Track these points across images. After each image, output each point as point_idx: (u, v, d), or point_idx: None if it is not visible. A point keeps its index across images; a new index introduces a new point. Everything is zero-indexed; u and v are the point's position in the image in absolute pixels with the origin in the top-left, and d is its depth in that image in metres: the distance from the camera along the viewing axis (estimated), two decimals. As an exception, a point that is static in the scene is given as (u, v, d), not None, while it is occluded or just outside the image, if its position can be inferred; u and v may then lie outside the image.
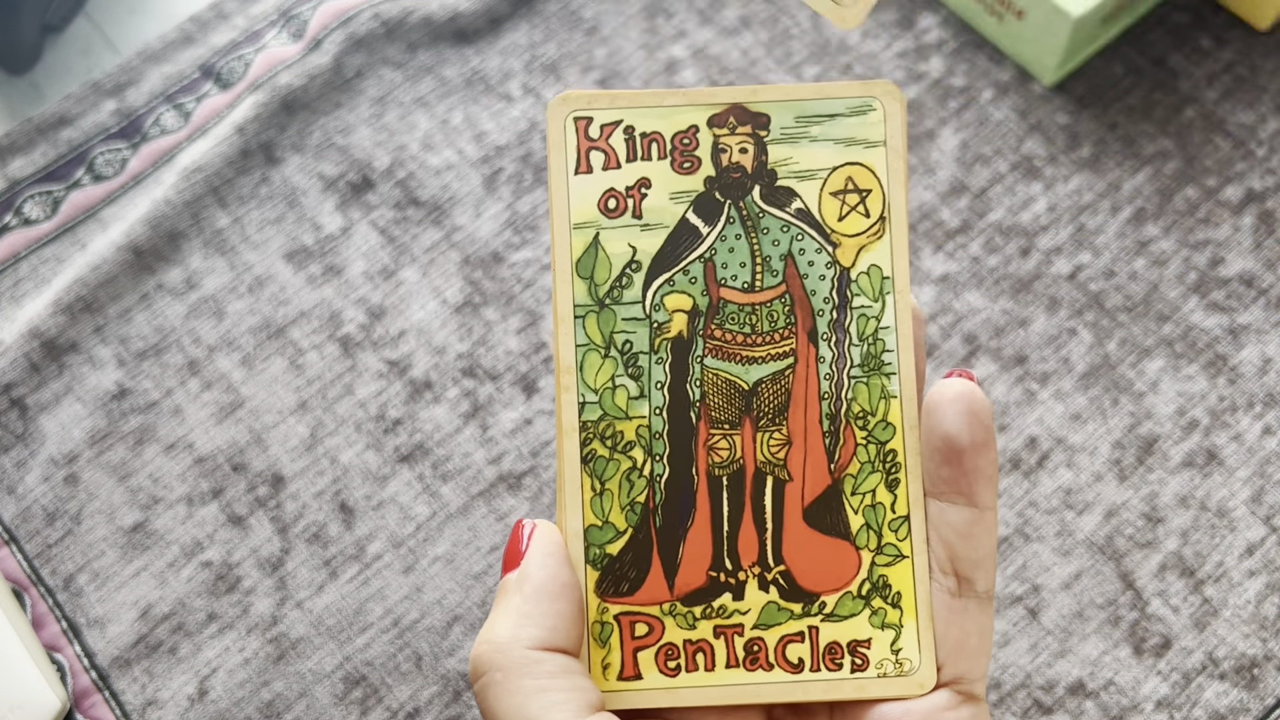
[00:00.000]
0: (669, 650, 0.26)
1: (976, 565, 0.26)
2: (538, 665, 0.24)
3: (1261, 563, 0.41)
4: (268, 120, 0.49)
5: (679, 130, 0.27)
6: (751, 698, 0.26)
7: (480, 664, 0.25)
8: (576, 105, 0.27)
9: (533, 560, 0.25)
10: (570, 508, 0.26)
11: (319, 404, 0.44)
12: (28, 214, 0.48)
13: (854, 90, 0.27)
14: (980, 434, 0.25)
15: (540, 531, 0.26)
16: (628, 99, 0.27)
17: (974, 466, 0.25)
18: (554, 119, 0.27)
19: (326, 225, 0.47)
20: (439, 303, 0.46)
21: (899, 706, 0.26)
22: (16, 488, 0.43)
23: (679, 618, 0.26)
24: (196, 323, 0.46)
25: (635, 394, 0.26)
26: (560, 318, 0.26)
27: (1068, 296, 0.45)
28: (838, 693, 0.26)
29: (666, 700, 0.26)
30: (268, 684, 0.40)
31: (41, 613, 0.42)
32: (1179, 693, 0.39)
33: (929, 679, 0.26)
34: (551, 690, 0.24)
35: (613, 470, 0.26)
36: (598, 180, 0.27)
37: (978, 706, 0.26)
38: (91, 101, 0.49)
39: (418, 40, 0.50)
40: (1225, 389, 0.43)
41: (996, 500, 0.26)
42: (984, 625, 0.26)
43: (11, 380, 0.45)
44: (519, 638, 0.24)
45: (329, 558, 0.42)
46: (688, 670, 0.26)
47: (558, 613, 0.25)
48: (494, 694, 0.24)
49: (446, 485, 0.43)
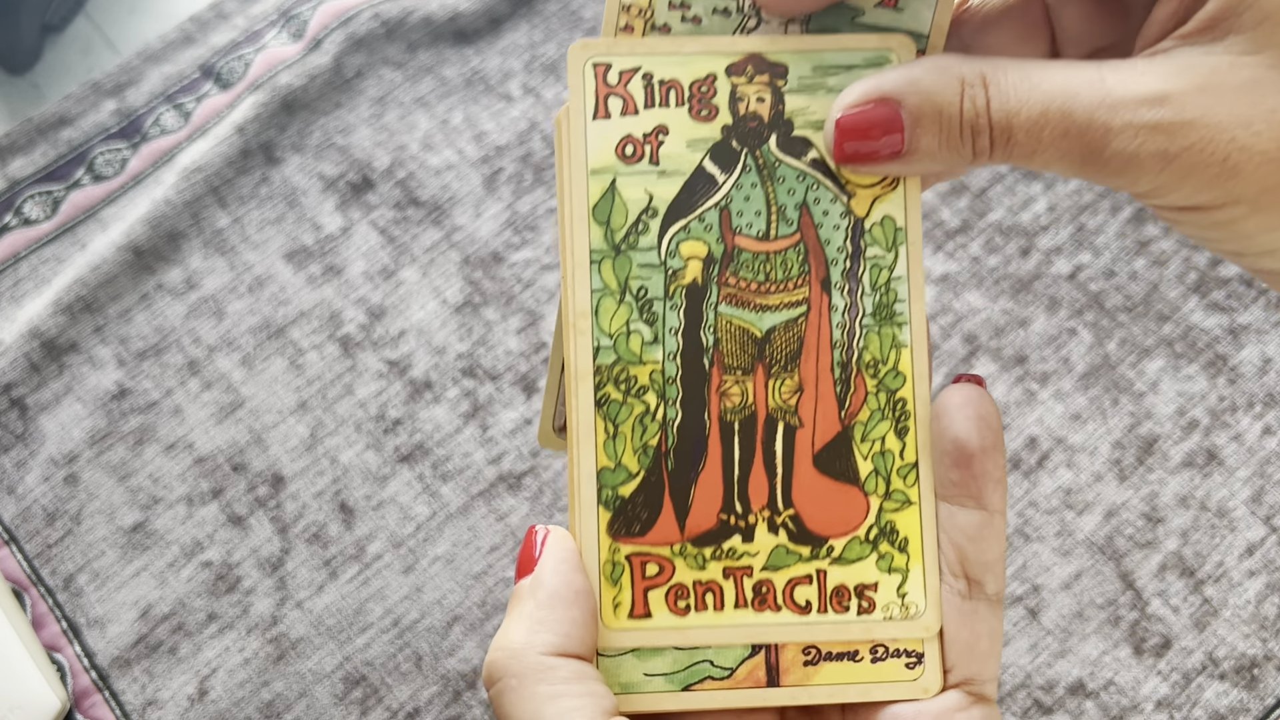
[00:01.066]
0: (679, 590, 0.27)
1: (986, 568, 0.26)
2: (552, 671, 0.24)
3: (1261, 563, 0.41)
4: (268, 120, 0.49)
5: (697, 78, 0.27)
6: (759, 638, 0.27)
7: (495, 670, 0.25)
8: (596, 51, 0.27)
9: (546, 566, 0.26)
10: (584, 450, 0.27)
11: (319, 404, 0.44)
12: (28, 214, 0.48)
13: (871, 42, 0.27)
14: (989, 438, 0.26)
15: (554, 538, 0.26)
16: (647, 46, 0.27)
17: (983, 470, 0.26)
18: (574, 64, 0.27)
19: (326, 225, 0.47)
20: (439, 303, 0.46)
21: (910, 708, 0.26)
22: (16, 488, 0.43)
23: (689, 559, 0.27)
24: (196, 323, 0.46)
25: (649, 339, 0.27)
26: (577, 263, 0.27)
27: (1068, 296, 0.45)
28: (844, 634, 0.27)
29: (675, 639, 0.27)
30: (268, 684, 0.40)
31: (41, 613, 0.42)
32: (1179, 693, 0.39)
33: (935, 683, 0.26)
34: (566, 696, 0.24)
35: (626, 414, 0.27)
36: (615, 126, 0.27)
37: (988, 707, 0.26)
38: (91, 101, 0.49)
39: (418, 40, 0.50)
40: (1225, 389, 0.43)
41: (1006, 504, 0.26)
42: (994, 627, 0.26)
43: (11, 380, 0.45)
44: (533, 644, 0.25)
45: (329, 558, 0.42)
46: (697, 610, 0.27)
47: (571, 619, 0.25)
48: (509, 700, 0.24)
49: (446, 485, 0.43)
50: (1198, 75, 0.23)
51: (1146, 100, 0.23)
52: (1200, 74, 0.23)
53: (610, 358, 0.27)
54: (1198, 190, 0.23)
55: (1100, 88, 0.23)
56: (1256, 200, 0.23)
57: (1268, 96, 0.22)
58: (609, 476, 0.27)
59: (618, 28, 0.27)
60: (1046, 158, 0.23)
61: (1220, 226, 0.24)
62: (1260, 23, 0.23)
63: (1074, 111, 0.23)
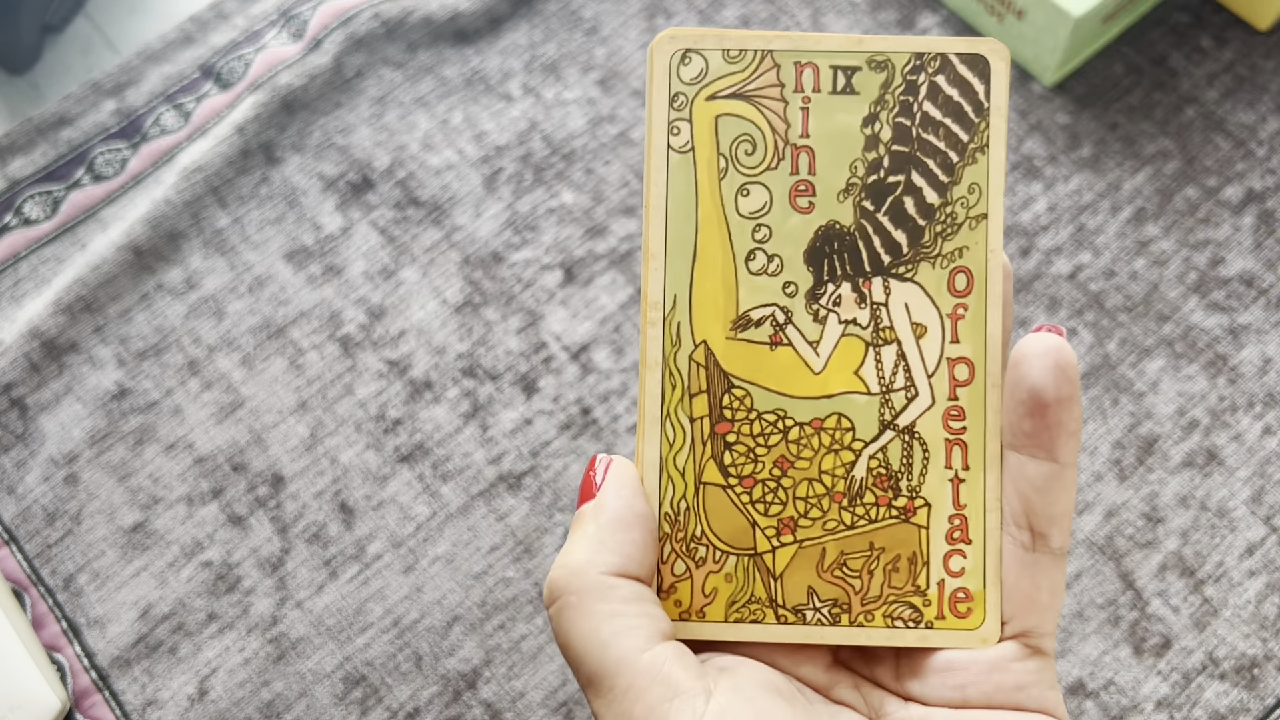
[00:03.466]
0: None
1: (1053, 521, 0.26)
2: (612, 590, 0.25)
3: (1261, 563, 0.41)
4: (268, 120, 0.49)
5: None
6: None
7: (556, 587, 0.25)
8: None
9: (609, 491, 0.26)
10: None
11: (319, 404, 0.44)
12: (28, 214, 0.48)
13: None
14: (1066, 389, 0.25)
15: (616, 465, 0.27)
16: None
17: (1057, 420, 0.25)
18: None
19: (326, 225, 0.47)
20: (439, 303, 0.46)
21: (965, 655, 0.26)
22: (16, 488, 0.43)
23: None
24: (196, 323, 0.46)
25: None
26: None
27: (1068, 296, 0.45)
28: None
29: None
30: (268, 684, 0.40)
31: (41, 613, 0.42)
32: (1179, 693, 0.39)
33: (994, 633, 0.26)
34: (625, 615, 0.24)
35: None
36: None
37: (1044, 660, 0.26)
38: (91, 101, 0.49)
39: (418, 40, 0.50)
40: (1225, 389, 0.43)
41: (1077, 457, 0.26)
42: (1055, 581, 0.26)
43: (11, 380, 0.45)
44: (594, 563, 0.25)
45: (329, 558, 0.42)
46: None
47: (632, 541, 0.25)
48: (569, 616, 0.25)
49: (446, 485, 0.43)
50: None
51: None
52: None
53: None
54: None
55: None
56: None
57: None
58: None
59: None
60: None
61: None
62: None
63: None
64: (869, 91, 0.27)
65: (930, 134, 0.27)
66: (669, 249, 0.27)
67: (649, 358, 0.27)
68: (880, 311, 0.27)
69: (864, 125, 0.27)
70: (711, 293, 0.27)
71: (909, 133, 0.27)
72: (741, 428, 0.27)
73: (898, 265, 0.27)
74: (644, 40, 0.50)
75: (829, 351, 0.27)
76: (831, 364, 0.27)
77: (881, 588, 0.27)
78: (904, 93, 0.27)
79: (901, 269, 0.27)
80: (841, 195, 0.27)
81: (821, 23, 0.50)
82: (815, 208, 0.27)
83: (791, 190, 0.27)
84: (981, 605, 0.27)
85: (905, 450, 0.27)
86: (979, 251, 0.27)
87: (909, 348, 0.27)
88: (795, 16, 0.50)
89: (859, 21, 0.50)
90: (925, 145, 0.27)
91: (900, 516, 0.27)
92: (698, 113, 0.27)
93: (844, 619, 0.27)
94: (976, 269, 0.27)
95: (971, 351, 0.27)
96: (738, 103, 0.27)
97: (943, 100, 0.27)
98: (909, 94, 0.27)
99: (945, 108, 0.27)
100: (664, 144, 0.27)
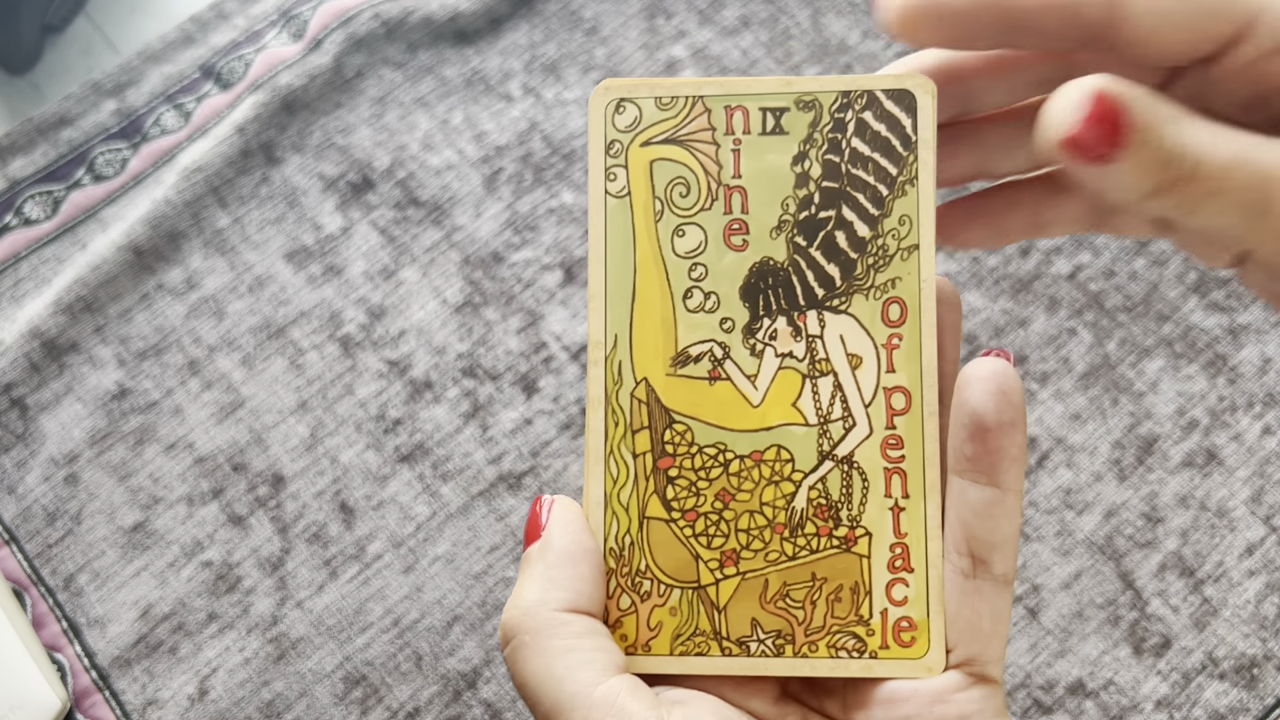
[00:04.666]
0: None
1: (994, 548, 0.26)
2: (564, 626, 0.25)
3: (1261, 562, 0.41)
4: (268, 120, 0.49)
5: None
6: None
7: (509, 629, 0.25)
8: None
9: (554, 529, 0.27)
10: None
11: (319, 404, 0.44)
12: (28, 214, 0.48)
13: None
14: (1009, 413, 0.25)
15: (560, 503, 0.27)
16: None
17: (998, 445, 0.25)
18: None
19: (326, 225, 0.47)
20: (439, 303, 0.46)
21: (909, 685, 0.26)
22: (16, 488, 0.43)
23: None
24: (196, 323, 0.46)
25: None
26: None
27: (1067, 296, 0.45)
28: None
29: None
30: (268, 684, 0.41)
31: (42, 613, 0.42)
32: (1179, 692, 0.39)
33: (938, 662, 0.27)
34: (578, 650, 0.25)
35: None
36: None
37: (991, 688, 0.26)
38: (91, 101, 0.49)
39: (418, 40, 0.50)
40: (1225, 389, 0.43)
41: (1022, 483, 0.26)
42: (999, 608, 0.26)
43: (11, 380, 0.45)
44: (546, 601, 0.25)
45: (329, 558, 0.42)
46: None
47: (581, 576, 0.26)
48: (523, 655, 0.25)
49: (446, 485, 0.43)
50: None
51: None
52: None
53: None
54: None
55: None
56: None
57: None
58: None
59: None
60: (1220, 205, 0.22)
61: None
62: None
63: (1264, 164, 0.22)
64: (798, 131, 0.28)
65: (859, 169, 0.27)
66: (609, 290, 0.28)
67: (592, 396, 0.28)
68: (816, 344, 0.27)
69: (794, 164, 0.28)
70: (651, 331, 0.28)
71: (838, 169, 0.27)
72: (683, 462, 0.27)
73: (831, 298, 0.27)
74: (644, 40, 0.50)
75: (766, 385, 0.27)
76: (769, 397, 0.27)
77: (825, 618, 0.27)
78: (832, 130, 0.27)
79: (835, 302, 0.27)
80: (774, 232, 0.28)
81: (821, 23, 0.50)
82: (749, 245, 0.28)
83: (725, 229, 0.28)
84: (925, 634, 0.27)
85: (845, 480, 0.27)
86: (912, 282, 0.27)
87: (845, 379, 0.27)
88: (795, 16, 0.50)
89: (859, 22, 0.50)
90: (855, 180, 0.27)
91: (841, 546, 0.27)
92: (633, 159, 0.28)
93: (788, 650, 0.27)
94: (910, 299, 0.27)
95: (908, 380, 0.27)
96: (671, 147, 0.28)
97: (870, 135, 0.27)
98: (837, 131, 0.27)
99: (873, 143, 0.27)
100: (602, 190, 0.28)
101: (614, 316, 0.28)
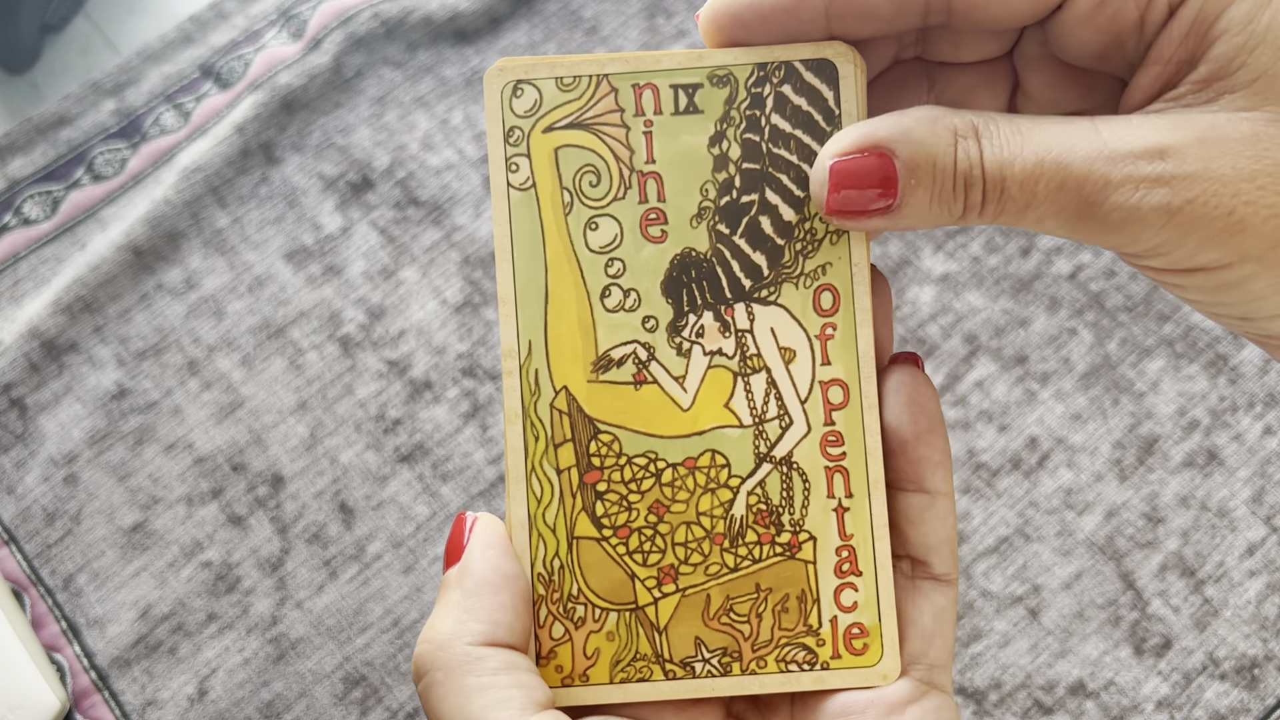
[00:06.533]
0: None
1: (930, 550, 0.26)
2: (480, 662, 0.23)
3: (1262, 563, 0.41)
4: (267, 120, 0.49)
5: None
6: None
7: (421, 664, 0.24)
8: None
9: (474, 552, 0.25)
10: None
11: (319, 404, 0.44)
12: (27, 214, 0.48)
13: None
14: (923, 423, 0.25)
15: (482, 524, 0.25)
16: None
17: (919, 456, 0.25)
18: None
19: (326, 225, 0.47)
20: (439, 303, 0.46)
21: (862, 696, 0.25)
22: (16, 488, 0.43)
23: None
24: (196, 323, 0.46)
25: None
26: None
27: (1068, 296, 0.45)
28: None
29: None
30: (268, 684, 0.40)
31: (41, 613, 0.42)
32: (1179, 693, 0.39)
33: (893, 669, 0.25)
34: (494, 688, 0.23)
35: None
36: None
37: (941, 698, 0.25)
38: (91, 101, 0.49)
39: (418, 40, 0.50)
40: (1226, 389, 0.43)
41: (951, 484, 0.26)
42: (940, 606, 0.25)
43: (11, 380, 0.45)
44: (460, 634, 0.24)
45: (329, 558, 0.42)
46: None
47: (500, 605, 0.24)
48: (436, 694, 0.23)
49: (446, 485, 0.43)
50: (1196, 130, 0.22)
51: (1146, 153, 0.22)
52: (1199, 129, 0.22)
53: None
54: (1201, 247, 0.22)
55: (1096, 140, 0.22)
56: (1265, 257, 0.22)
57: (1271, 150, 0.22)
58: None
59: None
60: (1041, 213, 0.22)
61: (1227, 288, 0.23)
62: (1255, 79, 0.22)
63: (1071, 164, 0.22)
64: (713, 109, 0.26)
65: (781, 148, 0.25)
66: (519, 293, 0.26)
67: (509, 409, 0.26)
68: (746, 339, 0.26)
69: (711, 145, 0.26)
70: (568, 335, 0.26)
71: (759, 149, 0.26)
72: (612, 475, 0.26)
73: (759, 289, 0.26)
74: (644, 40, 0.50)
75: (696, 385, 0.26)
76: (700, 398, 0.26)
77: (772, 631, 0.26)
78: (750, 107, 0.25)
79: (763, 292, 0.26)
80: (694, 220, 0.26)
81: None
82: (669, 236, 0.26)
83: (642, 220, 0.26)
84: (878, 640, 0.25)
85: (784, 482, 0.26)
86: (843, 267, 0.26)
87: (779, 374, 0.26)
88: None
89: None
90: (777, 160, 0.25)
91: (785, 553, 0.26)
92: (535, 146, 0.26)
93: (735, 668, 0.26)
94: (842, 285, 0.26)
95: (844, 372, 0.26)
96: (577, 132, 0.26)
97: (791, 111, 0.25)
98: (755, 108, 0.25)
99: (795, 119, 0.25)
100: (504, 182, 0.26)
101: (526, 321, 0.26)
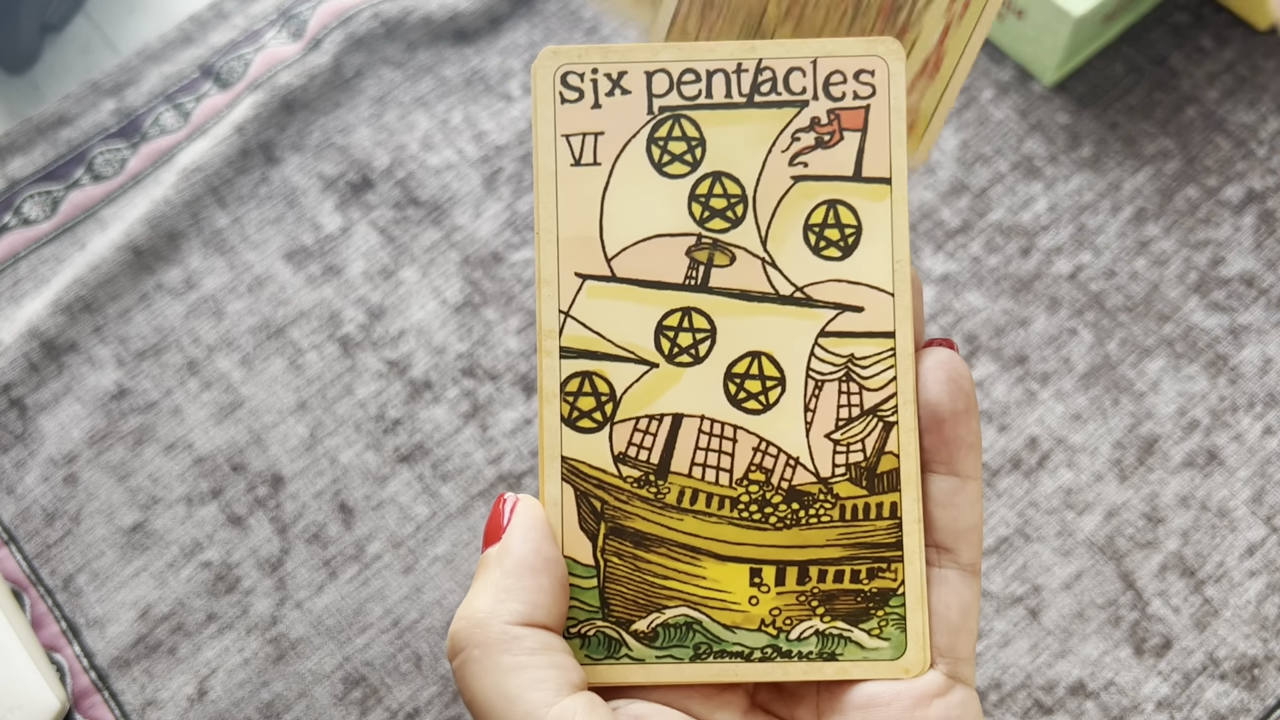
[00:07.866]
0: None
1: (959, 536, 0.25)
2: (517, 642, 0.23)
3: (1262, 563, 0.41)
4: (267, 120, 0.49)
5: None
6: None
7: (458, 640, 0.24)
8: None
9: (515, 534, 0.25)
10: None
11: (319, 404, 0.44)
12: (27, 214, 0.48)
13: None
14: (961, 401, 0.25)
15: (523, 506, 0.25)
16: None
17: (954, 435, 0.25)
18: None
19: (326, 225, 0.47)
20: (439, 303, 0.46)
21: (888, 688, 0.25)
22: (16, 488, 0.43)
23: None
24: (196, 323, 0.46)
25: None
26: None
27: (1068, 296, 0.45)
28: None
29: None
30: (267, 684, 0.40)
31: (41, 613, 0.42)
32: (1179, 693, 0.39)
33: (917, 662, 0.25)
34: (530, 668, 0.23)
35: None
36: None
37: (967, 692, 0.25)
38: (91, 101, 0.49)
39: (417, 40, 0.50)
40: (1226, 389, 0.43)
41: (980, 470, 0.26)
42: (966, 599, 0.25)
43: (11, 380, 0.45)
44: (498, 613, 0.24)
45: (329, 558, 0.42)
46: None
47: (539, 587, 0.24)
48: (472, 671, 0.23)
49: (446, 485, 0.43)
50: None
51: None
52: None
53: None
54: None
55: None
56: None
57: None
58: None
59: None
60: None
61: None
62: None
63: None
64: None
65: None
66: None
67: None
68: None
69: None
70: None
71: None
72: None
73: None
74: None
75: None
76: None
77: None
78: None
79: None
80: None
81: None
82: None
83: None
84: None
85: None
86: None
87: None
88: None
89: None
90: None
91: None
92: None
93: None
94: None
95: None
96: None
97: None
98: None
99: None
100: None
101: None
